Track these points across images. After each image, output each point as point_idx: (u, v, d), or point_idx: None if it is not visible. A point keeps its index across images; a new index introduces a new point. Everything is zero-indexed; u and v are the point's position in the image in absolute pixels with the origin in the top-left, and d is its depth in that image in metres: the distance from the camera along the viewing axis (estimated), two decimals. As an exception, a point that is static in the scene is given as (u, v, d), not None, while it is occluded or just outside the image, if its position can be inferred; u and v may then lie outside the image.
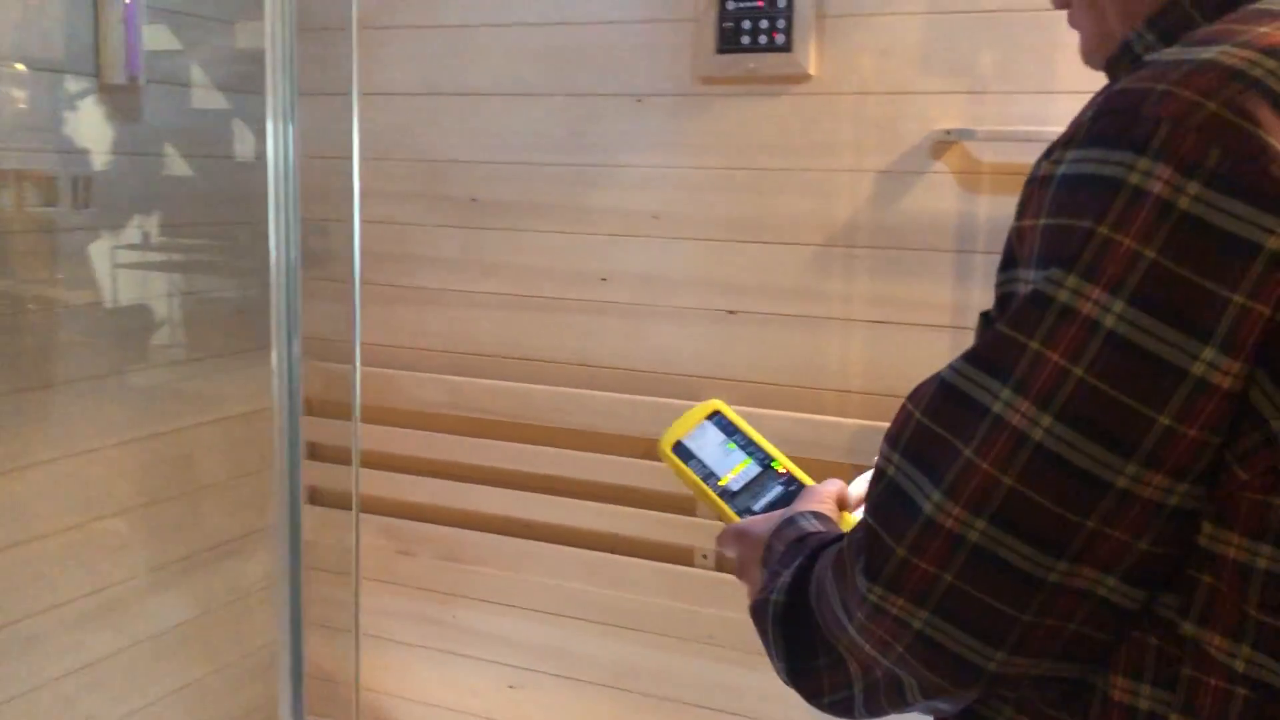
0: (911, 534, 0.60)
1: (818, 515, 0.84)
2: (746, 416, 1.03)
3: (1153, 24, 0.67)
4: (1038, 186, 0.61)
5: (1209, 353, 0.55)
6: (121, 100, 1.89)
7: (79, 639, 1.92)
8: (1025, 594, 0.58)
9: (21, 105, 1.74)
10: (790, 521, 0.83)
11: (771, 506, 0.95)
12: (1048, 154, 0.62)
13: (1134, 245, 0.55)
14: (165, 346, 2.05)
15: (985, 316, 0.68)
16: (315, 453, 2.36)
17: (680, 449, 1.00)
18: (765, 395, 1.92)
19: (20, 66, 1.73)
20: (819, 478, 0.96)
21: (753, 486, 0.97)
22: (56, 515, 1.87)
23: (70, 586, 1.90)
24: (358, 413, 2.03)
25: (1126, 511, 0.57)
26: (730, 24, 1.87)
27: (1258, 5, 0.62)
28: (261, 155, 2.24)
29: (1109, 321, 0.56)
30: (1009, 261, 0.64)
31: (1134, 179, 0.56)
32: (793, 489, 0.96)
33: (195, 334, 2.11)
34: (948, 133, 1.77)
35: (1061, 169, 0.60)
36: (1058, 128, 0.63)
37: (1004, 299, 0.64)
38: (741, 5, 1.85)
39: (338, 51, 2.22)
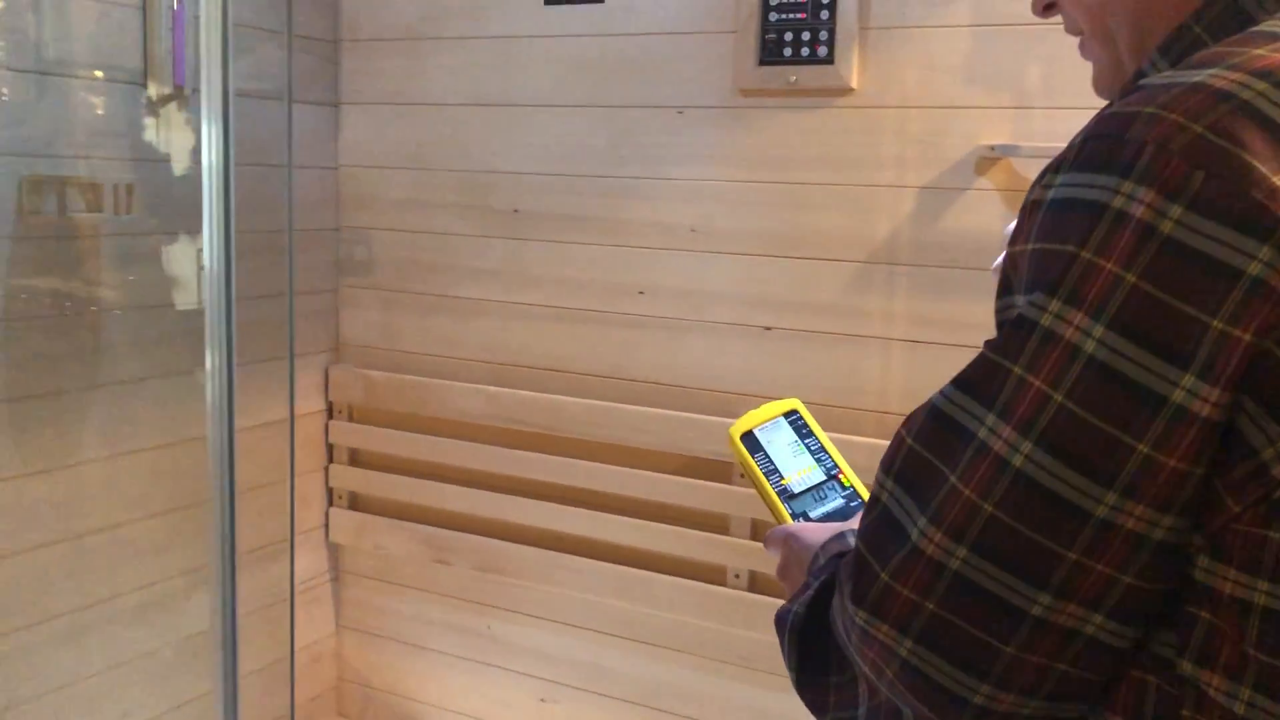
0: (895, 560, 0.60)
1: None
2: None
3: (1165, 51, 0.66)
4: (1029, 212, 0.60)
5: (1188, 380, 0.53)
6: (168, 108, 1.92)
7: (120, 635, 1.96)
8: (1008, 625, 0.57)
9: (68, 113, 1.78)
10: (840, 536, 0.83)
11: (828, 518, 0.94)
12: (1040, 178, 0.61)
13: (1116, 270, 0.54)
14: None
15: (987, 345, 0.66)
16: (355, 458, 2.38)
17: (749, 439, 0.99)
18: (802, 414, 1.88)
19: (68, 75, 1.77)
20: None
21: (814, 493, 0.96)
22: (101, 513, 1.90)
23: (113, 584, 1.94)
24: (292, 411, 2.04)
25: (1108, 543, 0.55)
26: (772, 35, 1.84)
27: (1261, 28, 0.61)
28: (309, 163, 2.27)
29: (1089, 347, 0.55)
30: (1005, 288, 0.63)
31: (1117, 203, 0.55)
32: (854, 505, 0.95)
33: (241, 340, 2.13)
34: (992, 148, 1.72)
35: (1051, 194, 0.59)
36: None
37: (1000, 326, 0.63)
38: (784, 17, 1.82)
39: (381, 64, 2.24)
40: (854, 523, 0.87)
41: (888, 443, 0.89)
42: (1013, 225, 1.09)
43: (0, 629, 1.77)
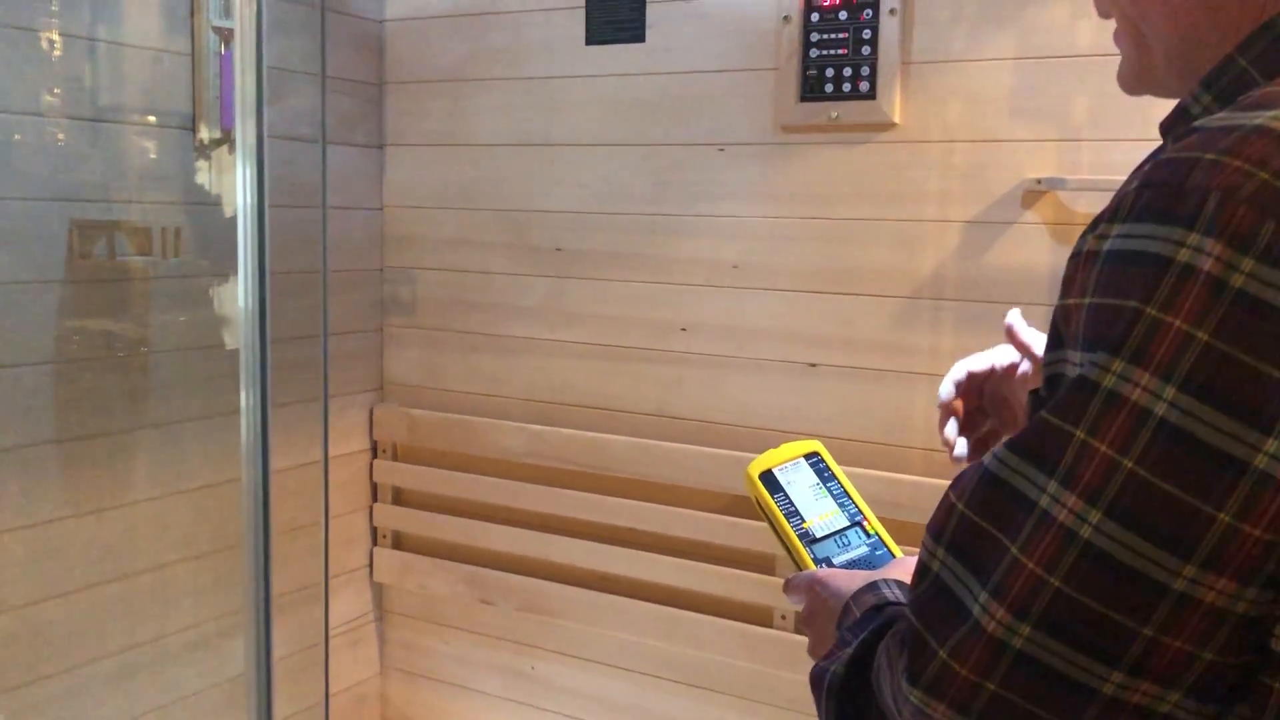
0: (955, 637, 0.57)
1: (903, 587, 0.80)
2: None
3: (1209, 85, 0.63)
4: (1082, 263, 0.57)
5: (1272, 444, 0.50)
6: (217, 152, 1.95)
7: (168, 675, 1.97)
8: (1077, 706, 0.53)
9: (119, 158, 1.82)
10: (873, 586, 0.79)
11: (852, 565, 0.90)
12: (1093, 227, 0.58)
13: (1185, 327, 0.51)
14: (254, 391, 2.09)
15: (1035, 395, 0.63)
16: (399, 497, 2.38)
17: (769, 479, 0.95)
18: (848, 452, 1.86)
19: (121, 121, 1.81)
20: (902, 540, 0.91)
21: (837, 538, 0.92)
22: (148, 554, 1.92)
23: (161, 624, 1.95)
24: (326, 453, 2.01)
25: (1187, 618, 0.52)
26: (813, 72, 1.83)
27: None
28: (354, 204, 2.29)
29: (1160, 410, 0.51)
30: (1056, 341, 0.60)
31: (1183, 255, 0.52)
32: (879, 553, 0.91)
33: (283, 380, 2.15)
34: (1039, 181, 1.69)
35: (1107, 245, 0.56)
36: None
37: (1052, 380, 0.60)
38: (825, 53, 1.82)
39: (425, 106, 2.26)
40: (884, 572, 0.84)
41: (937, 480, 0.87)
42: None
43: (53, 668, 1.78)
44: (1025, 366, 1.00)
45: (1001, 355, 1.01)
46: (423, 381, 2.33)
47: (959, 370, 1.00)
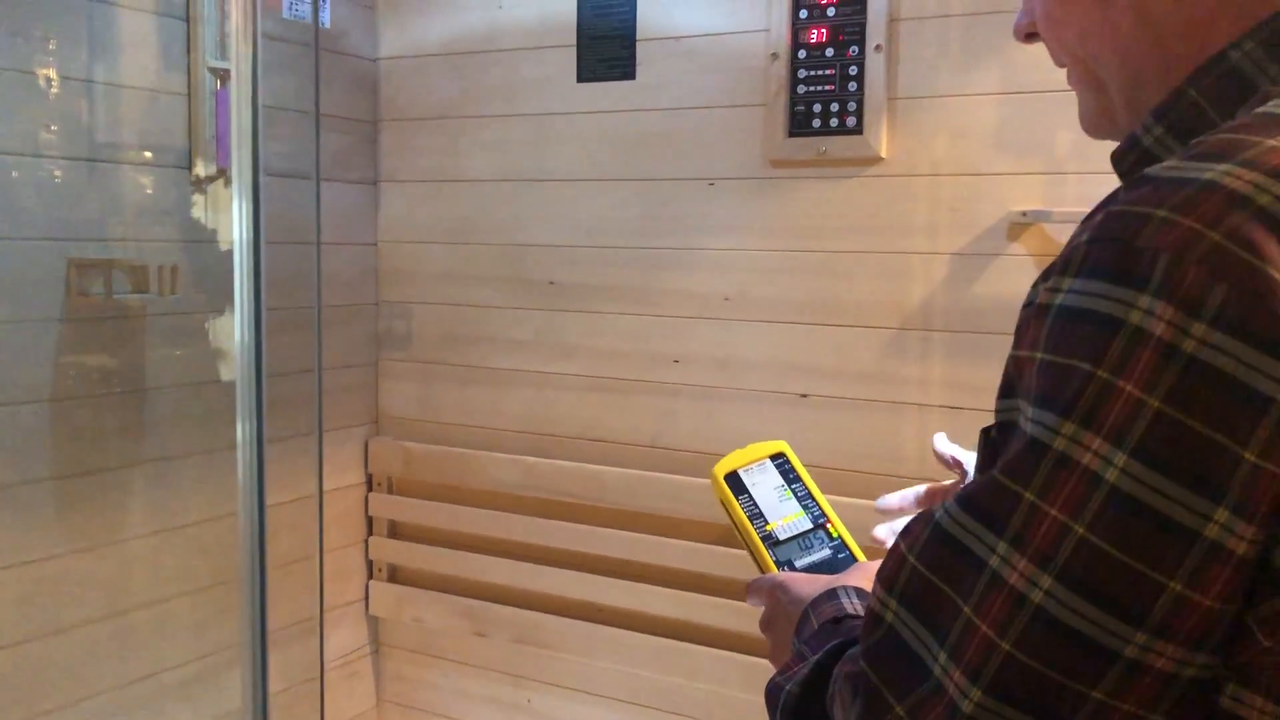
0: (914, 696, 0.57)
1: (863, 595, 0.80)
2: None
3: (1160, 115, 0.63)
4: (1035, 315, 0.57)
5: (1222, 514, 0.50)
6: (213, 188, 1.98)
7: (163, 712, 1.96)
8: None
9: (116, 196, 1.84)
10: (832, 594, 0.79)
11: (814, 568, 0.90)
12: (1044, 277, 0.57)
13: (1136, 392, 0.51)
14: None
15: (986, 433, 0.64)
16: (395, 530, 2.39)
17: (733, 480, 0.95)
18: (839, 481, 1.87)
19: (117, 160, 1.83)
20: None
21: (800, 541, 0.92)
22: (143, 590, 1.92)
23: (156, 660, 1.95)
24: (321, 486, 2.01)
25: (1137, 683, 0.52)
26: (801, 107, 1.86)
27: (1271, 108, 0.57)
28: (349, 240, 2.31)
29: (1111, 476, 0.51)
30: (1008, 390, 0.60)
31: (1134, 318, 0.51)
32: (841, 557, 0.91)
33: (279, 414, 2.16)
34: (1024, 214, 1.72)
35: (1059, 300, 0.55)
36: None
37: (1004, 426, 0.60)
38: (812, 89, 1.85)
39: (419, 142, 2.29)
40: (844, 577, 0.84)
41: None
42: None
43: (50, 704, 1.78)
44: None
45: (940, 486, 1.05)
46: (418, 415, 2.35)
47: (918, 488, 1.04)
